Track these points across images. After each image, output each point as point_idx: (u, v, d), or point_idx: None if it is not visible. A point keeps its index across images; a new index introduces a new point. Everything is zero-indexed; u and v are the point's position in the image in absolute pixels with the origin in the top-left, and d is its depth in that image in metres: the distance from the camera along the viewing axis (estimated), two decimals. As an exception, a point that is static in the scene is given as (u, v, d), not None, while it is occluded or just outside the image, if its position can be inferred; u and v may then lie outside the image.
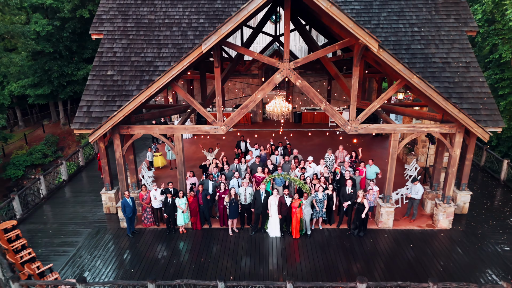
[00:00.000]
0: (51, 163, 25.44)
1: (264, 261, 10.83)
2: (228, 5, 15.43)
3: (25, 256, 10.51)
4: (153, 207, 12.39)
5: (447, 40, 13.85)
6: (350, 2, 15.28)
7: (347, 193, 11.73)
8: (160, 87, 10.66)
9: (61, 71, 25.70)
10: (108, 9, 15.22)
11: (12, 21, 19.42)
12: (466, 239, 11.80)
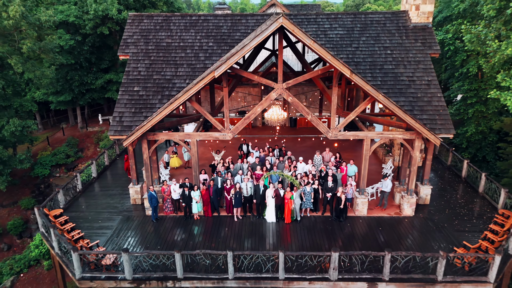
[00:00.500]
0: (73, 162, 28.36)
1: (262, 241, 13.70)
2: (233, 30, 18.31)
3: (76, 235, 13.39)
4: (172, 198, 15.26)
5: (414, 61, 16.72)
6: (335, 27, 18.15)
7: (329, 187, 14.61)
8: (180, 102, 13.53)
9: (81, 80, 28.61)
10: (132, 33, 18.11)
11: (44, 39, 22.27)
12: (424, 223, 14.66)
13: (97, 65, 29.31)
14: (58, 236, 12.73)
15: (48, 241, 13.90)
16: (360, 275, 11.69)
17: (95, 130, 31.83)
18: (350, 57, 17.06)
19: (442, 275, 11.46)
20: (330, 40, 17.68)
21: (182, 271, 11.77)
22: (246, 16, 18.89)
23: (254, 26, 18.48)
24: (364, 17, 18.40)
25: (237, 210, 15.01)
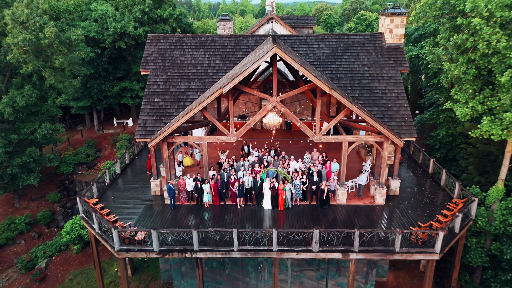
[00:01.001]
0: (93, 161, 31.66)
1: (260, 223, 17.00)
2: (236, 49, 21.62)
3: (111, 218, 16.71)
4: (187, 190, 18.56)
5: (387, 76, 20.03)
6: (322, 47, 21.46)
7: (314, 180, 17.94)
8: (195, 112, 16.83)
9: (100, 88, 31.93)
10: (151, 52, 21.43)
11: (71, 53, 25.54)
12: (392, 210, 17.97)
13: (114, 74, 32.65)
14: (99, 218, 16.05)
15: (88, 223, 17.21)
16: (336, 247, 15.03)
17: (110, 132, 35.17)
18: (333, 73, 20.38)
19: (399, 247, 14.78)
20: (317, 58, 21.00)
21: (198, 245, 15.11)
22: (247, 37, 22.19)
23: (254, 46, 21.78)
24: (347, 38, 21.72)
25: (240, 200, 18.32)
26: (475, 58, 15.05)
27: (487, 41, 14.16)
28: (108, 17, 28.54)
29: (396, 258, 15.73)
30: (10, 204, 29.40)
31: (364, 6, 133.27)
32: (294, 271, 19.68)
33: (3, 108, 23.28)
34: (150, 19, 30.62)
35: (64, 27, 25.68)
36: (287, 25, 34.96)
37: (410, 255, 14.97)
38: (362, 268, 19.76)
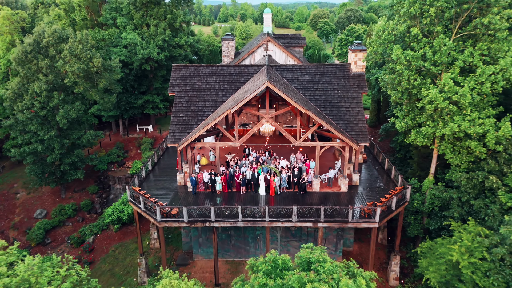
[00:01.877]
0: (122, 161, 38.57)
1: (257, 203, 23.86)
2: (239, 76, 28.51)
3: (153, 200, 23.60)
4: (204, 181, 25.45)
5: (351, 97, 26.90)
6: (304, 75, 28.32)
7: (295, 174, 24.85)
8: (211, 126, 23.71)
9: (127, 101, 38.86)
10: (176, 78, 28.32)
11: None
12: (352, 195, 24.83)
13: (138, 89, 39.59)
14: (145, 199, 22.98)
15: (135, 204, 24.10)
16: (308, 219, 21.93)
17: (134, 136, 42.10)
18: (312, 95, 27.26)
19: (351, 218, 21.68)
20: (300, 83, 27.88)
21: (214, 217, 22.02)
22: (247, 67, 29.08)
23: (254, 73, 28.66)
24: (323, 67, 28.60)
25: (243, 188, 25.19)
26: (404, 89, 22.00)
27: (408, 80, 21.12)
28: (136, 45, 35.47)
29: (349, 227, 22.65)
30: (57, 195, 36.34)
31: (358, 15, 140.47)
32: (282, 241, 26.60)
33: (60, 120, 30.20)
34: (169, 46, 37.52)
35: (105, 56, 32.61)
36: (281, 46, 41.90)
37: (358, 223, 21.90)
38: (332, 240, 26.68)
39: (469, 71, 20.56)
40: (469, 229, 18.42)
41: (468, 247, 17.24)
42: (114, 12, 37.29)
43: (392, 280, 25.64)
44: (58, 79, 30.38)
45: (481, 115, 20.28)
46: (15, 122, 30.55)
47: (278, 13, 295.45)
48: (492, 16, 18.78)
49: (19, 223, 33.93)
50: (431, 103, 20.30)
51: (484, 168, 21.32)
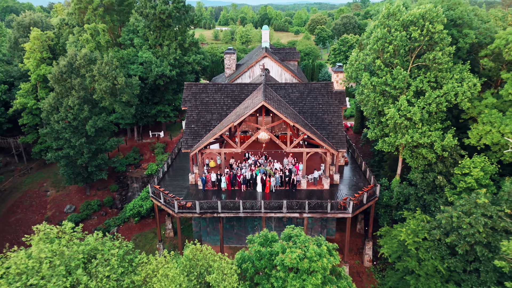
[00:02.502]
0: (138, 163, 44.01)
1: (255, 198, 29.32)
2: (241, 93, 33.93)
3: (171, 196, 29.04)
4: (212, 180, 30.90)
5: (333, 111, 32.32)
6: (294, 92, 33.73)
7: (287, 175, 30.32)
8: (217, 135, 29.17)
9: (142, 110, 44.33)
10: (187, 95, 33.75)
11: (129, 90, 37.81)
12: (333, 191, 30.29)
13: (152, 100, 45.08)
14: (164, 195, 28.44)
15: (156, 198, 29.55)
16: (295, 210, 27.38)
17: (147, 141, 47.54)
18: (300, 108, 32.68)
19: (329, 210, 27.13)
20: (291, 99, 33.30)
21: (220, 209, 27.48)
22: (247, 85, 34.50)
23: (253, 90, 34.05)
24: (310, 85, 34.03)
25: (243, 186, 30.63)
26: (371, 107, 27.48)
27: (374, 100, 26.59)
28: (151, 63, 40.96)
29: (329, 217, 28.14)
30: (82, 193, 41.80)
31: (354, 21, 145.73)
32: (276, 230, 32.04)
33: (89, 129, 35.65)
34: (179, 63, 43.00)
35: (124, 73, 38.09)
36: (277, 61, 47.32)
37: (335, 214, 27.35)
38: (317, 229, 32.13)
39: (420, 94, 26.02)
40: (416, 216, 23.90)
41: (414, 230, 22.71)
42: (131, 34, 42.78)
43: (366, 262, 31.11)
44: (87, 95, 35.87)
45: (431, 128, 25.75)
46: (51, 130, 36.02)
47: (277, 17, 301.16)
48: (436, 52, 24.25)
49: (52, 217, 39.39)
50: (391, 119, 25.78)
51: (435, 170, 26.79)
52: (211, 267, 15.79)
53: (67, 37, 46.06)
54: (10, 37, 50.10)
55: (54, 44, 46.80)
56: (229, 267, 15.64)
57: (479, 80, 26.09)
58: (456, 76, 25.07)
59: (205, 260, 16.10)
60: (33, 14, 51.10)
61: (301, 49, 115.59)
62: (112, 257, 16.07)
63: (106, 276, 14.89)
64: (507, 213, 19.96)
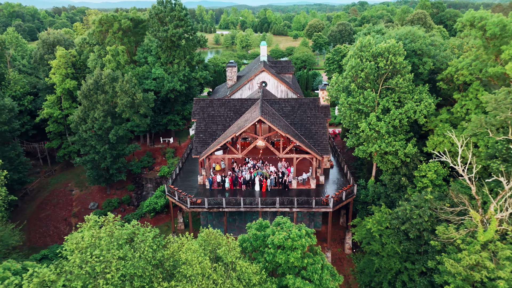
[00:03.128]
0: (151, 166, 49.88)
1: (253, 197, 35.24)
2: (242, 106, 39.81)
3: (184, 194, 34.91)
4: (217, 181, 36.80)
5: (319, 123, 38.22)
6: (287, 106, 39.61)
7: (280, 177, 36.23)
8: (222, 144, 35.07)
9: (154, 119, 50.24)
10: (196, 108, 39.64)
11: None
12: (319, 190, 36.18)
13: (163, 110, 51.02)
14: (178, 193, 34.35)
15: (171, 196, 35.46)
16: (286, 206, 33.29)
17: (159, 147, 53.46)
18: (292, 120, 38.54)
19: (314, 205, 33.05)
20: (284, 112, 39.17)
21: (225, 205, 33.41)
22: (247, 100, 40.36)
23: (251, 104, 39.92)
24: (300, 101, 39.90)
25: (243, 186, 36.55)
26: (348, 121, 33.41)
27: (349, 116, 32.52)
28: (163, 79, 46.92)
29: (314, 211, 34.06)
30: (103, 192, 47.71)
31: (349, 28, 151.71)
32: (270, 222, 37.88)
33: (111, 137, 41.55)
34: (188, 78, 48.94)
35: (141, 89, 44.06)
36: (273, 75, 53.17)
37: (319, 209, 33.25)
38: (306, 222, 38.02)
39: (387, 111, 31.92)
40: (382, 210, 29.82)
41: (378, 220, 28.61)
42: (145, 53, 48.73)
43: (346, 249, 36.98)
44: (110, 108, 41.81)
45: (396, 139, 31.66)
46: (79, 138, 41.95)
47: (277, 21, 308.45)
48: (398, 79, 30.17)
49: (78, 213, 45.31)
50: (363, 132, 31.69)
51: (400, 172, 32.71)
52: (220, 244, 21.68)
53: (88, 54, 52.01)
54: (36, 53, 56.01)
55: (76, 60, 52.72)
56: (234, 243, 21.54)
57: (437, 100, 32.06)
58: (416, 96, 31.01)
59: (215, 240, 21.98)
60: (56, 33, 57.04)
61: (298, 56, 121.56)
62: (147, 238, 21.96)
63: (145, 250, 20.78)
64: (448, 206, 25.84)
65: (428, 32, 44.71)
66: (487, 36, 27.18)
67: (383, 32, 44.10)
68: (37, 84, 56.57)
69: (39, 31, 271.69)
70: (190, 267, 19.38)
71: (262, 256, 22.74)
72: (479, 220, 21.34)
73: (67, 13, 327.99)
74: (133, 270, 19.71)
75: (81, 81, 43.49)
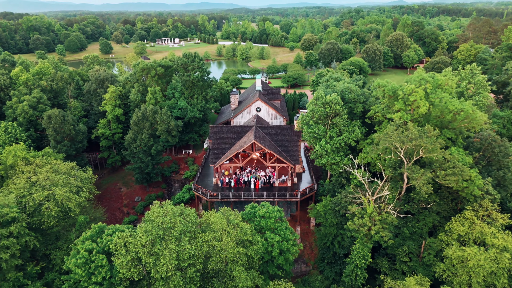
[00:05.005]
0: (177, 170, 68.37)
1: (250, 191, 53.82)
2: (242, 131, 58.27)
3: (204, 190, 53.48)
4: (226, 181, 55.34)
5: (293, 143, 56.76)
6: (272, 131, 58.06)
7: (267, 178, 54.84)
8: (229, 157, 53.66)
9: (179, 137, 68.87)
10: (212, 133, 58.17)
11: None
12: (293, 187, 54.65)
13: (185, 131, 69.65)
14: (201, 189, 52.96)
15: (196, 191, 54.05)
16: (270, 197, 51.89)
17: (181, 156, 71.97)
18: (275, 140, 57.03)
19: (288, 197, 51.63)
20: (270, 134, 57.67)
21: (231, 196, 52.04)
22: (246, 127, 58.84)
23: (248, 129, 58.45)
24: (282, 127, 58.38)
25: (243, 185, 55.11)
26: (310, 142, 52.08)
27: (309, 140, 51.21)
28: (186, 109, 65.56)
29: (288, 201, 52.61)
30: (144, 189, 66.27)
31: (337, 47, 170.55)
32: (262, 209, 56.60)
33: (153, 151, 60.16)
34: (204, 108, 67.60)
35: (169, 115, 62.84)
36: (266, 102, 71.90)
37: (291, 199, 51.85)
38: (285, 209, 56.65)
39: (332, 138, 50.51)
40: (326, 198, 48.47)
41: (324, 205, 47.24)
42: (173, 90, 67.45)
43: (311, 226, 55.54)
44: (152, 132, 60.50)
45: (337, 155, 50.23)
46: (131, 152, 60.57)
47: (275, 33, 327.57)
48: (338, 118, 48.73)
49: (128, 204, 63.93)
50: (317, 150, 50.37)
51: (342, 175, 51.33)
52: (231, 215, 40.26)
53: (130, 89, 70.82)
54: (89, 87, 74.73)
55: (122, 94, 71.37)
56: (238, 214, 40.17)
57: (365, 130, 50.59)
58: (351, 128, 49.58)
59: (229, 214, 40.59)
60: (103, 72, 75.82)
61: (291, 74, 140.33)
62: (190, 211, 40.47)
63: (191, 217, 39.28)
64: (353, 195, 44.29)
65: (369, 83, 62.87)
66: (386, 95, 45.86)
67: (340, 79, 62.67)
68: (90, 110, 75.36)
69: (54, 43, 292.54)
70: (215, 225, 38.00)
71: (253, 222, 41.40)
72: (366, 201, 39.92)
73: (79, 25, 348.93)
74: (186, 227, 38.18)
75: (123, 108, 62.04)
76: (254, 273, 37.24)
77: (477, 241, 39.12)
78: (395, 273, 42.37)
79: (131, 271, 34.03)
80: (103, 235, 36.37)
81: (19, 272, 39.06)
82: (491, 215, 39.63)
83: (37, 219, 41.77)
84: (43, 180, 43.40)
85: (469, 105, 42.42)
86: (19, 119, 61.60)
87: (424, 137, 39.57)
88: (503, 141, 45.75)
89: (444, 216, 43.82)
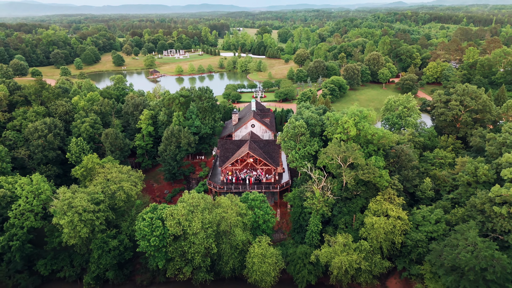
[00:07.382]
0: (194, 171, 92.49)
1: (245, 185, 78.23)
2: (241, 143, 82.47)
3: (215, 184, 77.87)
4: (229, 179, 79.69)
5: (276, 152, 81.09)
6: (262, 143, 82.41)
7: (257, 177, 79.32)
8: (232, 162, 78.09)
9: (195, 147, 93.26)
10: (220, 145, 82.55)
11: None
12: (276, 182, 79.09)
13: (199, 142, 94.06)
14: (213, 184, 77.37)
15: (210, 186, 78.48)
16: (260, 189, 76.40)
17: (196, 161, 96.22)
18: (264, 150, 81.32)
19: (271, 188, 76.04)
20: (260, 146, 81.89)
21: (233, 189, 76.51)
22: (243, 141, 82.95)
23: (244, 143, 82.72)
24: (268, 141, 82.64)
25: (241, 181, 79.52)
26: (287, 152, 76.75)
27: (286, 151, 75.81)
28: (200, 127, 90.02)
29: (271, 191, 77.04)
30: (170, 185, 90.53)
31: (323, 65, 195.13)
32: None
33: (178, 158, 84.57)
34: (213, 126, 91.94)
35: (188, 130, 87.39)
36: (259, 120, 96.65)
37: (273, 190, 76.30)
38: (270, 197, 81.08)
39: (300, 149, 74.93)
40: (296, 189, 72.98)
41: (293, 193, 71.74)
42: (190, 113, 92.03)
43: (288, 209, 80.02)
44: (178, 144, 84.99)
45: (303, 161, 74.67)
46: (162, 159, 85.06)
47: (272, 45, 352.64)
48: (303, 137, 73.28)
49: (160, 195, 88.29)
50: (290, 157, 74.85)
51: (306, 174, 75.86)
52: (233, 199, 64.66)
53: (159, 112, 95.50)
54: (128, 109, 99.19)
55: (153, 115, 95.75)
56: (237, 199, 64.60)
57: (322, 143, 75.01)
58: (312, 143, 74.13)
59: (231, 198, 65.01)
60: (138, 98, 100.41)
61: (282, 90, 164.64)
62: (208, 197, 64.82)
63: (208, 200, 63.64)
64: (310, 184, 68.86)
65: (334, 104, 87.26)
66: (332, 122, 70.36)
67: (309, 107, 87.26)
68: (127, 126, 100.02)
69: (71, 55, 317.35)
70: (223, 204, 62.58)
71: (247, 203, 65.99)
72: (315, 189, 64.37)
73: (92, 38, 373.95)
74: (206, 205, 62.67)
75: (153, 125, 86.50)
76: (247, 233, 61.78)
77: (384, 213, 63.56)
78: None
79: (176, 229, 58.30)
80: (158, 210, 60.88)
81: (103, 233, 63.58)
82: (392, 198, 64.13)
83: (112, 202, 66.23)
84: (115, 178, 67.94)
85: (381, 130, 66.99)
86: (83, 135, 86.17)
87: (351, 150, 64.11)
88: (408, 151, 70.33)
89: (369, 199, 68.37)
